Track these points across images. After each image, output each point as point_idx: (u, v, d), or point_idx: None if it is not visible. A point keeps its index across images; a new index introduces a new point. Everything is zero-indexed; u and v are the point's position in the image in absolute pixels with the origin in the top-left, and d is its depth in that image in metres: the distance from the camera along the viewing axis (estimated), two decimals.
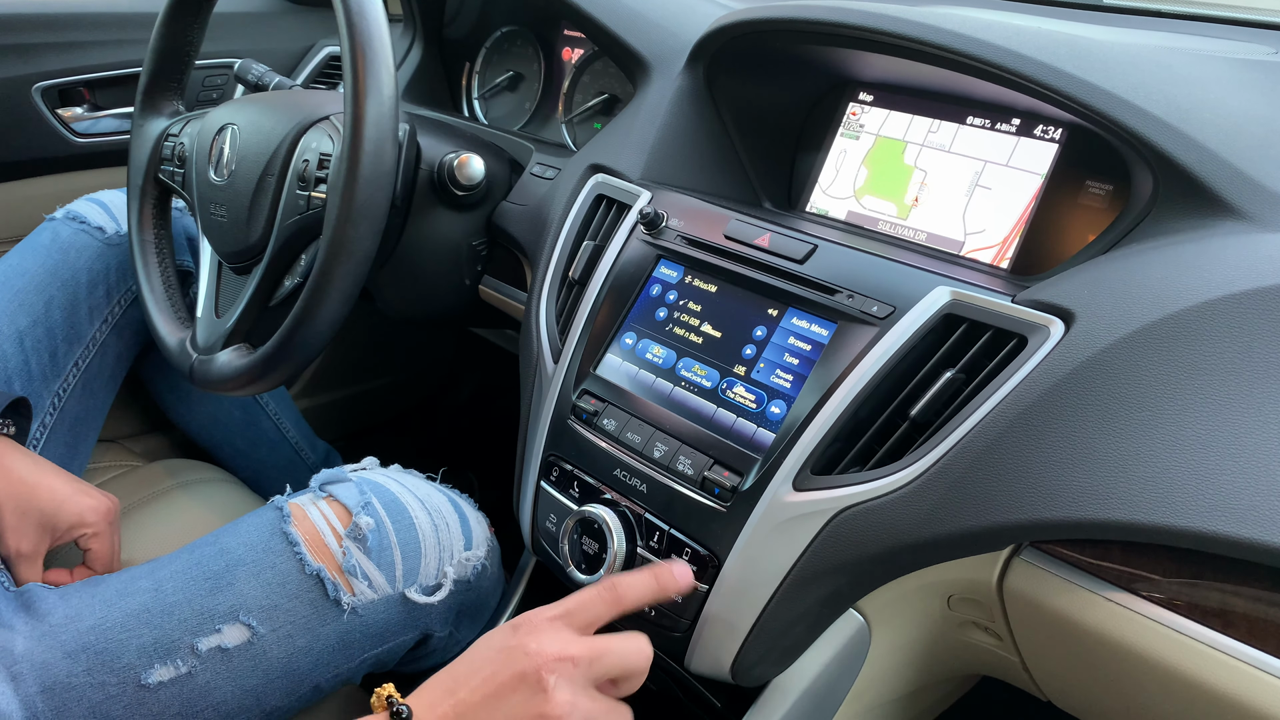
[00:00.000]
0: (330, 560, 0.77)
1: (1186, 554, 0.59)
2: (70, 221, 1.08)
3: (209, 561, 0.76)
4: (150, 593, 0.74)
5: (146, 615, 0.72)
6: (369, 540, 0.78)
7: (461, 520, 0.87)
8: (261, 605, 0.75)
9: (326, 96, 1.02)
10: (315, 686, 0.79)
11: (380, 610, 0.79)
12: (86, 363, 1.05)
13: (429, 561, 0.82)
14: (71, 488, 0.86)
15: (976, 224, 0.82)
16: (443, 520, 0.84)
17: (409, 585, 0.80)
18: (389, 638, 0.81)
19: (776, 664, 0.75)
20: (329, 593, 0.76)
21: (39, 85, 1.30)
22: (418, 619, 0.83)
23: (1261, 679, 0.56)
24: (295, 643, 0.76)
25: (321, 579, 0.76)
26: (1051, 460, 0.60)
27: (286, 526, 0.78)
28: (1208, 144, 0.65)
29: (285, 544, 0.77)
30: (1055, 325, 0.63)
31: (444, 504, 0.86)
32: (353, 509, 0.79)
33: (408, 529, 0.81)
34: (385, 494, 0.82)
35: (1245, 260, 0.60)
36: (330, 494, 0.81)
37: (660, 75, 0.97)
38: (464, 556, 0.85)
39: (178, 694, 0.72)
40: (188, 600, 0.74)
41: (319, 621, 0.77)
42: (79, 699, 0.69)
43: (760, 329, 0.75)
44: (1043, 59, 0.70)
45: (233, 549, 0.77)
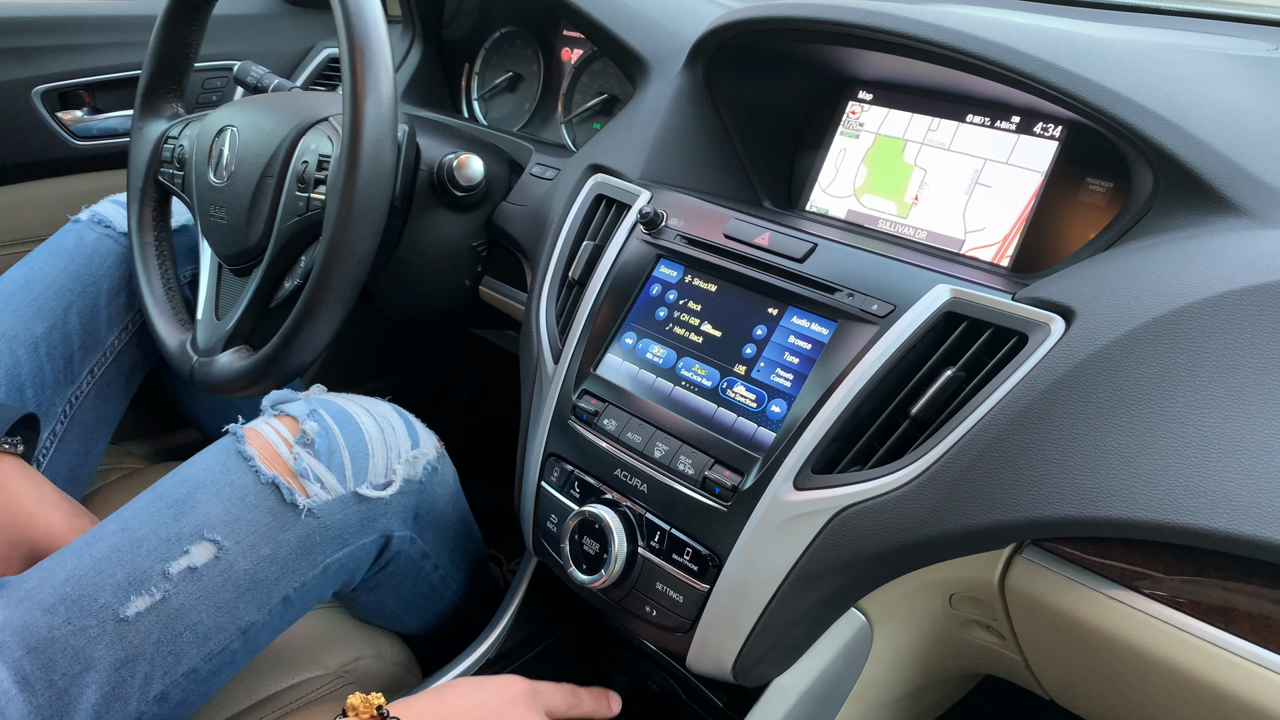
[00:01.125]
0: (283, 468, 0.79)
1: (1188, 551, 0.59)
2: (95, 225, 1.07)
3: (170, 491, 0.78)
4: (118, 534, 0.75)
5: (117, 554, 0.74)
6: (317, 444, 0.80)
7: (407, 424, 0.88)
8: (223, 520, 0.76)
9: (325, 98, 1.02)
10: (284, 598, 0.79)
11: (336, 511, 0.80)
12: (102, 370, 1.05)
13: (376, 460, 0.83)
14: (68, 525, 0.87)
15: (977, 222, 0.82)
16: (388, 424, 0.86)
17: (359, 484, 0.81)
18: (348, 539, 0.82)
19: (778, 663, 0.75)
20: (285, 497, 0.78)
21: (39, 88, 1.31)
22: (373, 516, 0.83)
23: (1264, 676, 0.56)
24: (260, 551, 0.77)
25: (277, 485, 0.78)
26: (1053, 458, 0.60)
27: (240, 446, 0.79)
28: (1208, 140, 0.65)
29: (240, 461, 0.79)
30: (1056, 323, 0.63)
31: (390, 412, 0.88)
32: (300, 419, 0.81)
33: (354, 433, 0.83)
34: (332, 406, 0.84)
35: (1246, 256, 0.60)
36: (281, 411, 0.83)
37: (659, 75, 0.97)
38: (411, 455, 0.85)
39: (155, 621, 0.73)
40: (153, 530, 0.75)
41: (279, 527, 0.77)
42: (63, 649, 0.70)
43: (760, 328, 0.75)
44: (1042, 56, 0.70)
45: (191, 476, 0.79)
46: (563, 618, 0.98)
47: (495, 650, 0.93)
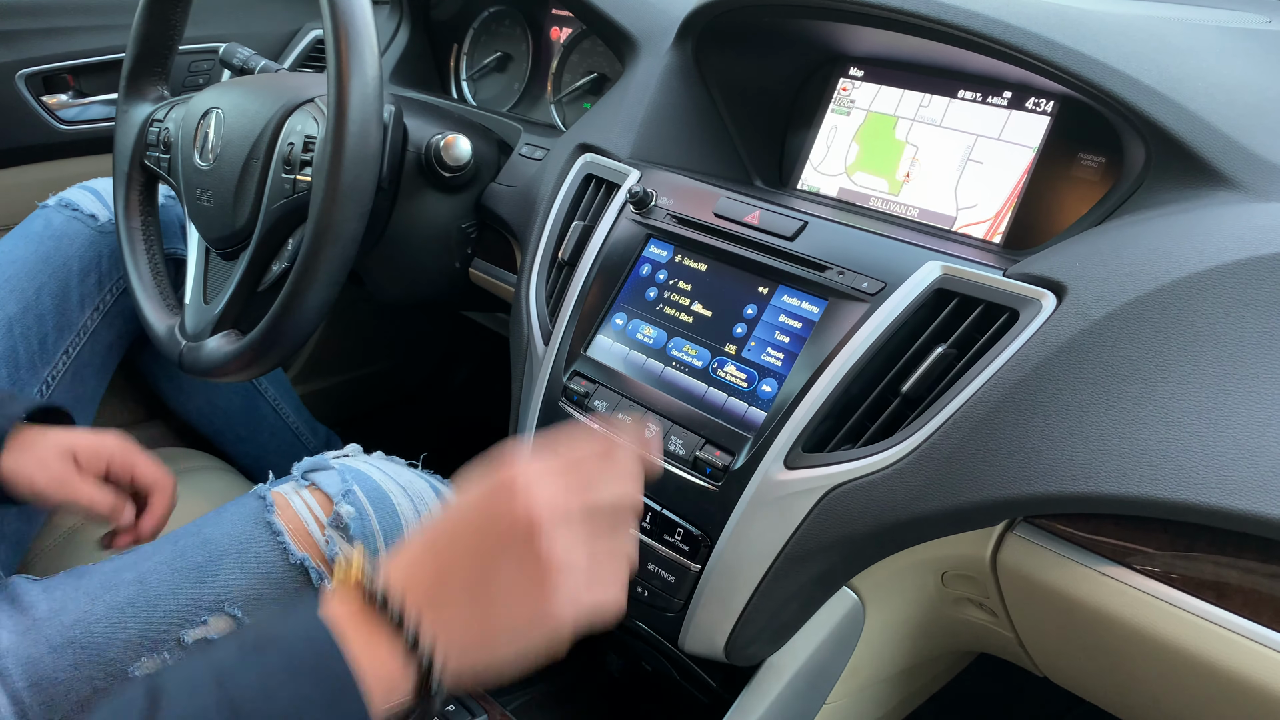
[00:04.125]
0: (314, 549, 0.77)
1: (1180, 527, 0.59)
2: (63, 209, 1.07)
3: (192, 553, 0.76)
4: (134, 585, 0.73)
5: (131, 609, 0.72)
6: (351, 528, 0.78)
7: (440, 499, 0.86)
8: (246, 596, 0.74)
9: (311, 79, 1.01)
10: None
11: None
12: (77, 351, 1.05)
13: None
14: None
15: (968, 199, 0.82)
16: (424, 506, 0.84)
17: None
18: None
19: (770, 643, 0.74)
20: (314, 581, 0.76)
21: (23, 72, 1.29)
22: None
23: (1256, 650, 0.56)
24: None
25: (306, 568, 0.76)
26: (1044, 434, 0.60)
27: (270, 516, 0.77)
28: (1200, 113, 0.64)
29: (269, 534, 0.77)
30: (1047, 299, 0.62)
31: (426, 490, 0.86)
32: (334, 498, 0.79)
33: (389, 516, 0.81)
34: (367, 482, 0.82)
35: (1239, 230, 0.60)
36: (313, 482, 0.81)
37: (648, 53, 0.96)
38: None
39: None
40: (172, 592, 0.73)
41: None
42: (66, 693, 0.69)
43: (751, 307, 0.75)
44: (1033, 29, 0.69)
45: (216, 540, 0.77)
46: None
47: None
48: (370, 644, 0.48)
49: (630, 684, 0.95)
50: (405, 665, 0.48)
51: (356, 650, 0.47)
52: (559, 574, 0.50)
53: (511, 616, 0.50)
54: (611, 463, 0.54)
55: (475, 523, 0.51)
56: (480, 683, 0.51)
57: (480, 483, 0.53)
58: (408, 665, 0.48)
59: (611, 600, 0.53)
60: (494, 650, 0.50)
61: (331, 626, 0.47)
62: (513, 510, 0.50)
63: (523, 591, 0.49)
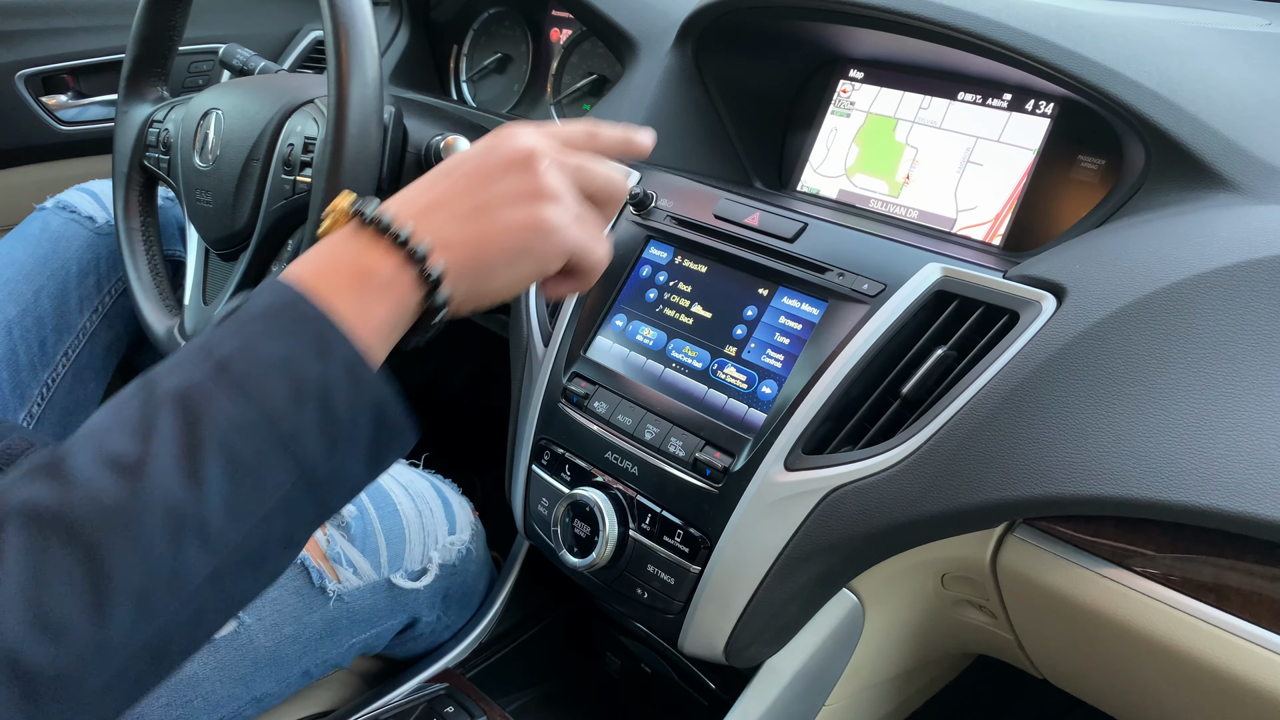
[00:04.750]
0: (314, 548, 0.77)
1: (1180, 529, 0.59)
2: (60, 211, 1.07)
3: None
4: None
5: None
6: (352, 527, 0.78)
7: (445, 505, 0.86)
8: None
9: (311, 80, 1.01)
10: (304, 672, 0.78)
11: (366, 596, 0.79)
12: (76, 353, 1.05)
13: (413, 547, 0.82)
14: None
15: (968, 201, 0.82)
16: (426, 506, 0.84)
17: (394, 571, 0.80)
18: (376, 622, 0.81)
19: (770, 644, 0.74)
20: (314, 581, 0.76)
21: (22, 73, 1.29)
22: (404, 603, 0.82)
23: (1255, 653, 0.56)
24: (282, 631, 0.75)
25: (306, 567, 0.76)
26: (1044, 436, 0.60)
27: None
28: (1200, 116, 0.64)
29: None
30: (1047, 301, 0.62)
31: (427, 489, 0.86)
32: None
33: (391, 515, 0.81)
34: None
35: (1238, 232, 0.60)
36: None
37: (648, 54, 0.96)
38: (448, 541, 0.85)
39: (166, 685, 0.71)
40: None
41: (305, 609, 0.76)
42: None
43: (751, 309, 0.75)
44: (1033, 31, 0.69)
45: None
46: (555, 601, 0.98)
47: (488, 634, 0.93)
48: (362, 255, 0.47)
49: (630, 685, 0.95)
50: (403, 269, 0.47)
51: (345, 265, 0.47)
52: (552, 198, 0.51)
53: (506, 227, 0.50)
54: (604, 154, 0.57)
55: (475, 157, 0.52)
56: (479, 302, 0.51)
57: (480, 140, 0.54)
58: (405, 269, 0.47)
59: (597, 249, 0.54)
60: (489, 262, 0.50)
61: (296, 283, 0.46)
62: (513, 143, 0.52)
63: (517, 204, 0.50)
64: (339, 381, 0.44)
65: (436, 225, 0.49)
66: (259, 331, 0.44)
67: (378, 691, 0.85)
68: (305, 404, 0.44)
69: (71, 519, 0.39)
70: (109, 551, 0.39)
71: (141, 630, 0.40)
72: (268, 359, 0.43)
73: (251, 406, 0.42)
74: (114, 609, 0.39)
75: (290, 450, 0.43)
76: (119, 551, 0.39)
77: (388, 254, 0.47)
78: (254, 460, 0.42)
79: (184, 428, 0.41)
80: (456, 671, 0.89)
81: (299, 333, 0.45)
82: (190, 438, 0.41)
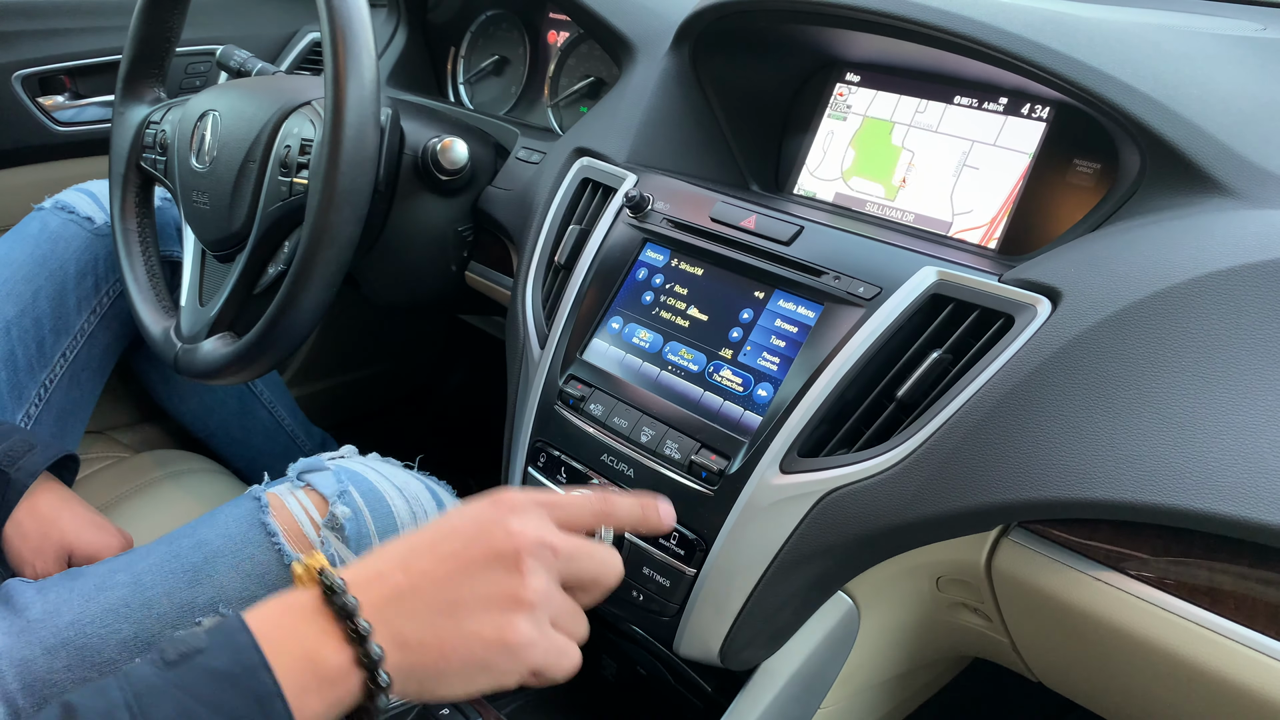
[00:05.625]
0: (309, 550, 0.77)
1: (1174, 532, 0.59)
2: (59, 211, 1.07)
3: (187, 554, 0.76)
4: (129, 586, 0.73)
5: (126, 610, 0.72)
6: (347, 529, 0.78)
7: (439, 508, 0.86)
8: (241, 597, 0.74)
9: (308, 82, 1.01)
10: None
11: None
12: (74, 354, 1.05)
13: None
14: (101, 542, 0.87)
15: (964, 204, 0.82)
16: (420, 508, 0.84)
17: None
18: None
19: (765, 647, 0.74)
20: None
21: (19, 73, 1.29)
22: None
23: (1249, 656, 0.56)
24: None
25: None
26: (1039, 440, 0.60)
27: (265, 517, 0.77)
28: (1195, 120, 0.64)
29: (264, 535, 0.76)
30: (1042, 304, 0.62)
31: (421, 492, 0.86)
32: (330, 498, 0.79)
33: (385, 517, 0.81)
34: (363, 483, 0.82)
35: (1233, 237, 0.60)
36: (308, 483, 0.81)
37: (645, 57, 0.96)
38: None
39: None
40: (167, 594, 0.73)
41: None
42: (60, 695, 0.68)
43: (746, 312, 0.75)
44: (1029, 36, 0.69)
45: (211, 541, 0.76)
46: None
47: None
48: (315, 637, 0.46)
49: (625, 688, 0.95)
50: (352, 670, 0.46)
51: (296, 645, 0.46)
52: (530, 607, 0.50)
53: (472, 637, 0.49)
54: (601, 541, 0.56)
55: (461, 534, 0.51)
56: (420, 699, 0.50)
57: (475, 503, 0.52)
58: (353, 664, 0.46)
59: (562, 664, 0.52)
60: (444, 670, 0.49)
61: (257, 632, 0.45)
62: (504, 530, 0.50)
63: (489, 611, 0.49)
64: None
65: (399, 621, 0.48)
66: (200, 693, 0.43)
67: None
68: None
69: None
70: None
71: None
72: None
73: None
74: None
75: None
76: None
77: (341, 647, 0.47)
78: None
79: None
80: None
81: (241, 696, 0.44)
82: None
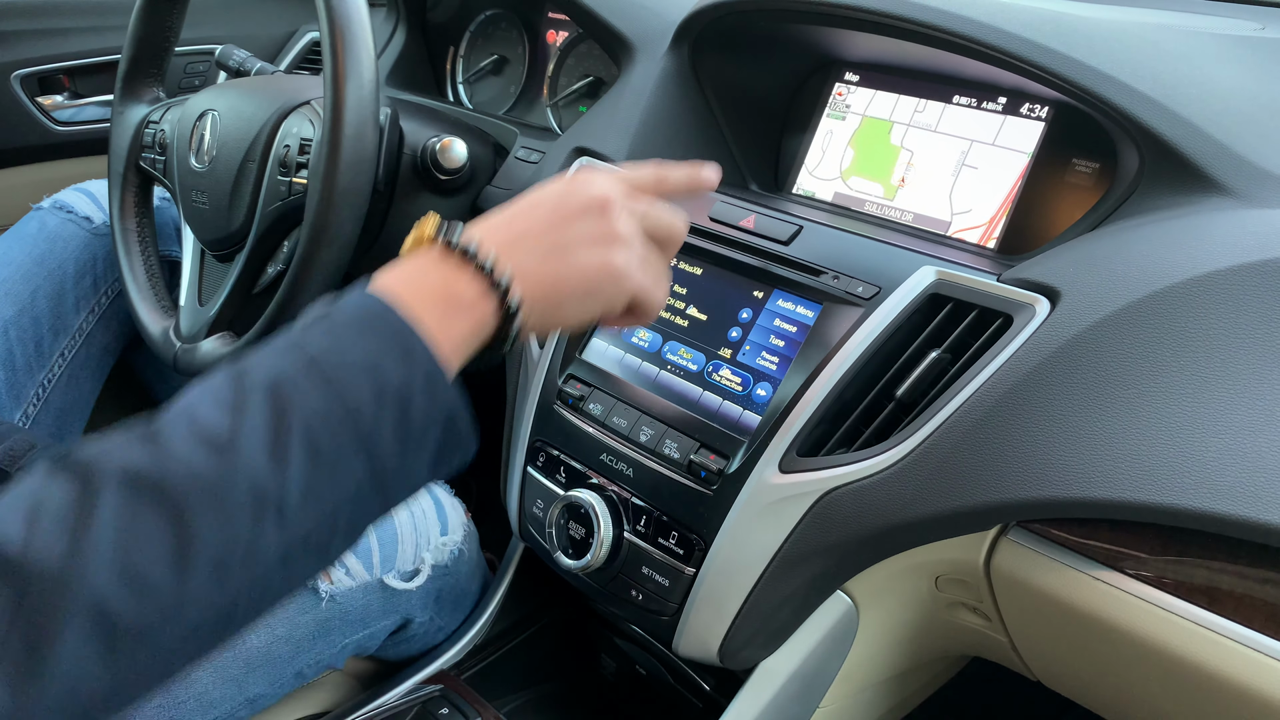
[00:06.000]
0: None
1: (1173, 532, 0.59)
2: (57, 211, 1.07)
3: None
4: None
5: None
6: None
7: (437, 506, 0.87)
8: None
9: (307, 81, 1.01)
10: (297, 673, 0.78)
11: (359, 597, 0.79)
12: (73, 353, 1.05)
13: (405, 548, 0.82)
14: None
15: (963, 204, 0.82)
16: (418, 507, 0.84)
17: (386, 571, 0.81)
18: (369, 622, 0.81)
19: (764, 646, 0.74)
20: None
21: (18, 73, 1.29)
22: (397, 604, 0.82)
23: (1247, 655, 0.56)
24: (275, 631, 0.76)
25: None
26: (1037, 439, 0.60)
27: None
28: (1194, 120, 0.64)
29: None
30: (1041, 304, 0.62)
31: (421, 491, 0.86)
32: None
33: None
34: None
35: (1231, 236, 0.60)
36: None
37: (644, 57, 0.96)
38: (440, 542, 0.85)
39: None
40: None
41: (298, 610, 0.76)
42: None
43: (746, 311, 0.75)
44: (1028, 35, 0.69)
45: None
46: (550, 603, 0.98)
47: (483, 636, 0.93)
48: (448, 278, 0.51)
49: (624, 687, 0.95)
50: (485, 296, 0.51)
51: (430, 284, 0.51)
52: (622, 242, 0.56)
53: (580, 268, 0.54)
54: (672, 195, 0.63)
55: (553, 197, 0.56)
56: (545, 331, 0.56)
57: (553, 181, 0.58)
58: (486, 292, 0.51)
59: (657, 295, 0.59)
60: (562, 297, 0.54)
61: (385, 295, 0.49)
62: (589, 190, 0.56)
63: (591, 247, 0.55)
64: (418, 389, 0.47)
65: (517, 258, 0.53)
66: (349, 335, 0.47)
67: (372, 693, 0.85)
68: (385, 406, 0.46)
69: (164, 484, 0.42)
70: (196, 517, 0.42)
71: (216, 595, 0.42)
72: (355, 360, 0.46)
73: (337, 402, 0.45)
74: (194, 572, 0.41)
75: (367, 447, 0.46)
76: (205, 519, 0.42)
77: (472, 280, 0.51)
78: (333, 452, 0.45)
79: (273, 414, 0.44)
80: (451, 673, 0.89)
81: (386, 340, 0.47)
82: (278, 423, 0.44)
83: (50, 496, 0.41)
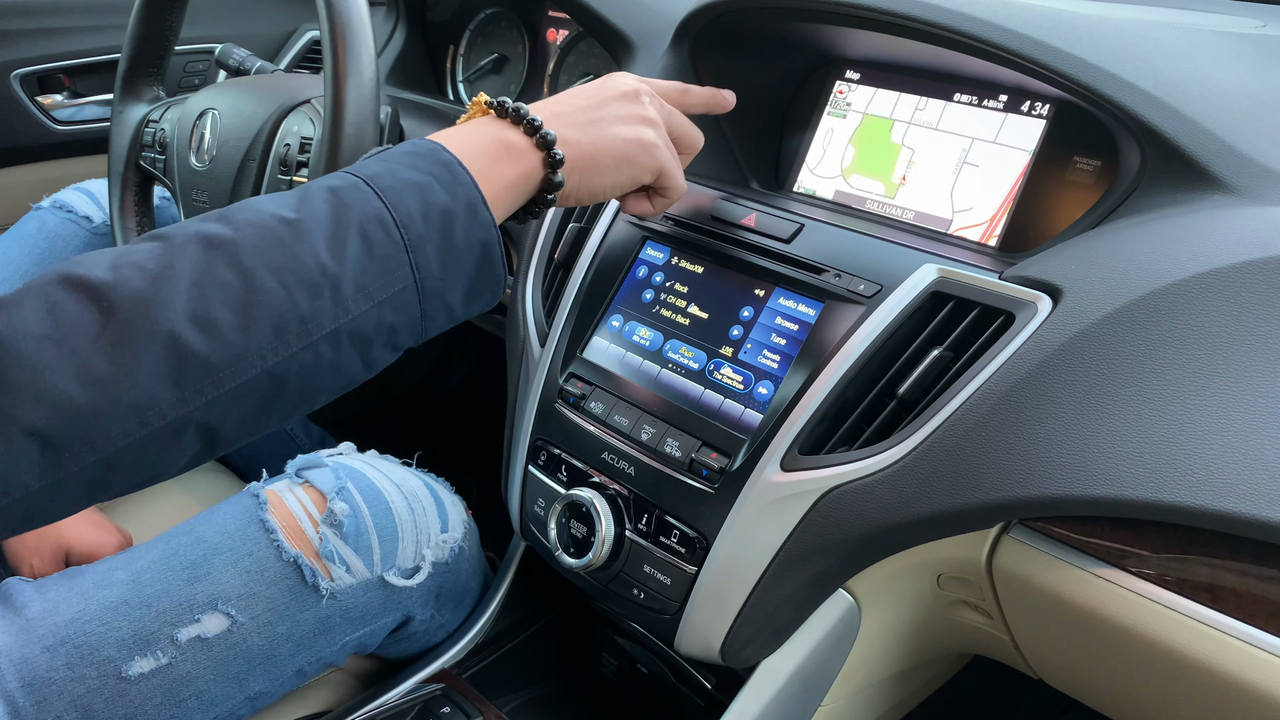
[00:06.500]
0: (307, 546, 0.77)
1: (1175, 529, 0.59)
2: (57, 210, 1.07)
3: (186, 551, 0.76)
4: (127, 584, 0.73)
5: (124, 607, 0.72)
6: (345, 526, 0.78)
7: (437, 504, 0.87)
8: (240, 594, 0.74)
9: (307, 80, 1.01)
10: (298, 670, 0.78)
11: (359, 594, 0.79)
12: None
13: (406, 545, 0.82)
14: (86, 519, 0.88)
15: (964, 202, 0.82)
16: (419, 504, 0.84)
17: (387, 569, 0.80)
18: (369, 620, 0.81)
19: (766, 645, 0.74)
20: (307, 579, 0.76)
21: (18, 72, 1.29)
22: (397, 601, 0.82)
23: (1250, 653, 0.56)
24: (275, 629, 0.75)
25: (299, 565, 0.76)
26: (1039, 437, 0.60)
27: (263, 514, 0.77)
28: (1195, 118, 0.64)
29: (262, 531, 0.77)
30: (1043, 302, 0.62)
31: (419, 488, 0.86)
32: (328, 495, 0.79)
33: (384, 514, 0.81)
34: (361, 479, 0.82)
35: (1233, 234, 0.60)
36: (306, 480, 0.81)
37: (645, 55, 0.96)
38: (440, 539, 0.85)
39: (159, 684, 0.71)
40: (165, 591, 0.73)
41: (298, 607, 0.76)
42: (60, 693, 0.68)
43: (747, 309, 0.75)
44: (1029, 33, 0.69)
45: (210, 538, 0.76)
46: (551, 602, 0.98)
47: (484, 635, 0.93)
48: (499, 134, 0.59)
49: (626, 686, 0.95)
50: (533, 148, 0.59)
51: (483, 134, 0.59)
52: (654, 123, 0.66)
53: (616, 138, 0.63)
54: (692, 110, 0.75)
55: (590, 87, 0.66)
56: (581, 196, 0.64)
57: (587, 83, 0.67)
58: (533, 145, 0.59)
59: (680, 177, 0.69)
60: (599, 163, 0.63)
61: (438, 140, 0.57)
62: (623, 82, 0.66)
63: (625, 123, 0.64)
64: (461, 213, 0.54)
65: (561, 126, 0.61)
66: (401, 162, 0.55)
67: (373, 692, 0.85)
68: (431, 222, 0.53)
69: (237, 247, 0.48)
70: (263, 279, 0.48)
71: (271, 355, 0.48)
72: (406, 180, 0.53)
73: (388, 209, 0.52)
74: (258, 327, 0.47)
75: (412, 255, 0.52)
76: (270, 281, 0.48)
77: (522, 135, 0.59)
78: (384, 251, 0.51)
79: (334, 209, 0.51)
80: (452, 672, 0.89)
81: (435, 170, 0.55)
82: (339, 216, 0.51)
83: (135, 249, 0.47)
